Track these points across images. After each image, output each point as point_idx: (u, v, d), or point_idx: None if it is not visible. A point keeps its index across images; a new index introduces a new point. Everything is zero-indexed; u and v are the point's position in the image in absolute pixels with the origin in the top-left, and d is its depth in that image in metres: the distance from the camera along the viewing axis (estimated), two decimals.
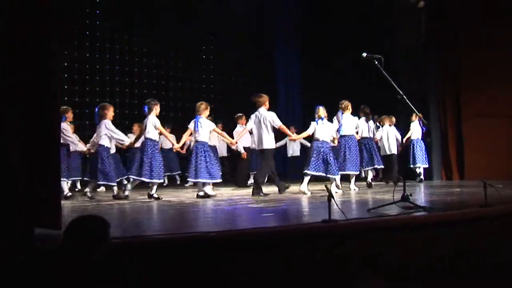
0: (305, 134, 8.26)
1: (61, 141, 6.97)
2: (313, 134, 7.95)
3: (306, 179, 7.66)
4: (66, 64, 11.29)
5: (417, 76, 10.74)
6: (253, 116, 7.80)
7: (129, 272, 2.48)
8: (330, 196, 3.93)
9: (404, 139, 9.84)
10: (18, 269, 2.25)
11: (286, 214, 5.25)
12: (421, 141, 10.13)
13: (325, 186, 4.15)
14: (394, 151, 9.79)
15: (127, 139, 7.76)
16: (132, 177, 7.34)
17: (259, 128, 7.66)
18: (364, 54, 4.99)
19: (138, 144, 7.93)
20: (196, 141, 7.46)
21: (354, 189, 8.31)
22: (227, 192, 8.58)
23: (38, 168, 3.53)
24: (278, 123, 7.70)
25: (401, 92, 4.93)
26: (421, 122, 9.71)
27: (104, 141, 7.33)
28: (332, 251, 3.67)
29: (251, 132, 8.23)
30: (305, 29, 13.47)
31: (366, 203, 5.98)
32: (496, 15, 9.59)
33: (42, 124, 3.62)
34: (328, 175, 7.74)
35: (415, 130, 10.06)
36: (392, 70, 5.41)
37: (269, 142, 7.67)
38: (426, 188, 8.43)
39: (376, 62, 4.95)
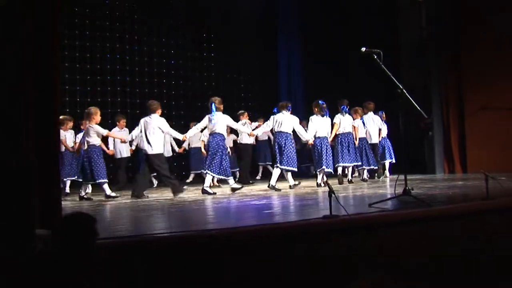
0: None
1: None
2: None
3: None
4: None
5: (420, 70, 10.69)
6: (366, 117, 9.76)
7: (138, 273, 2.46)
8: (331, 191, 3.92)
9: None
10: (21, 271, 2.25)
11: (288, 210, 5.24)
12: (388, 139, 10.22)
13: (326, 182, 4.15)
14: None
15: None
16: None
17: (371, 127, 9.75)
18: (363, 49, 4.96)
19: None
20: (319, 137, 8.54)
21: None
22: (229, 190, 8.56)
23: (40, 170, 3.53)
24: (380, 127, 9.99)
25: (400, 86, 4.89)
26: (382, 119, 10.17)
27: (224, 131, 7.92)
28: (333, 247, 3.66)
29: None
30: (308, 26, 13.40)
31: (367, 198, 5.96)
32: (500, 11, 9.53)
33: (44, 127, 3.63)
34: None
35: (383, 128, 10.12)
36: (394, 65, 5.38)
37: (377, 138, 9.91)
38: (428, 182, 8.39)
39: (376, 57, 4.92)
